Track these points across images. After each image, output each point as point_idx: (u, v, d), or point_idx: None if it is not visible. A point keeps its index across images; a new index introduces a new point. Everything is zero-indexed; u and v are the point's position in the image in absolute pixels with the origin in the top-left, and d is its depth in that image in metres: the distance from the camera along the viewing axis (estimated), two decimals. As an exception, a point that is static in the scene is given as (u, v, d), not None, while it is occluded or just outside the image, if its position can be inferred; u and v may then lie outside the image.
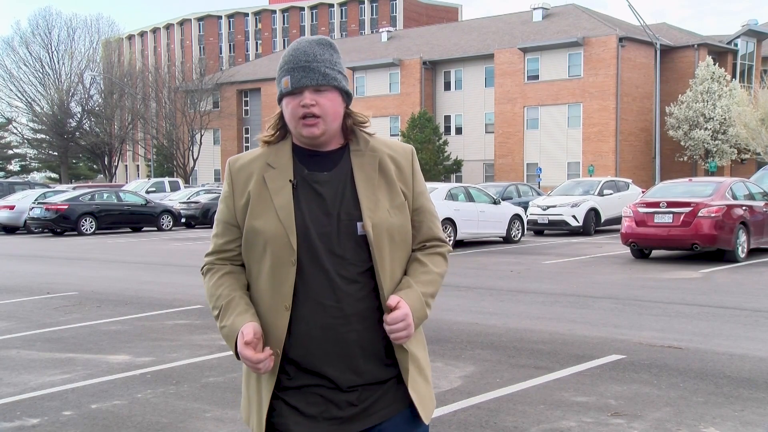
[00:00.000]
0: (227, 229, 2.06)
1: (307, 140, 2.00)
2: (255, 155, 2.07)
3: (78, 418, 4.91)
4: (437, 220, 2.14)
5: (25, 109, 63.92)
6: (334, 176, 1.99)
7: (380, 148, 2.06)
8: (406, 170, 2.07)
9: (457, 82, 53.40)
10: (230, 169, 2.07)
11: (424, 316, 2.00)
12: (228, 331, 1.98)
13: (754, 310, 8.66)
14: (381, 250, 1.95)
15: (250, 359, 1.90)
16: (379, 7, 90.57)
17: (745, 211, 13.88)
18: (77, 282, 11.95)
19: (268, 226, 1.95)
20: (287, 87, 1.97)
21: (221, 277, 2.06)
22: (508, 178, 46.21)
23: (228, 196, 2.06)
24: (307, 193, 1.98)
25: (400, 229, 2.00)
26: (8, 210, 26.06)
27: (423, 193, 2.10)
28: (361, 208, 1.95)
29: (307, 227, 1.94)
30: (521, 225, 19.29)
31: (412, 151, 2.12)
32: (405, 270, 2.04)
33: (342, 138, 2.05)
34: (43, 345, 7.18)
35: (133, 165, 79.64)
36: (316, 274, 1.93)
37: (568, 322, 7.97)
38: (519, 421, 4.70)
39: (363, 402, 1.96)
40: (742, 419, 4.69)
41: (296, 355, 1.96)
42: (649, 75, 45.99)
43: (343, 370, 1.94)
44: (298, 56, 1.97)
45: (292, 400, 1.97)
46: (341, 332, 1.93)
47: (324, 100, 1.96)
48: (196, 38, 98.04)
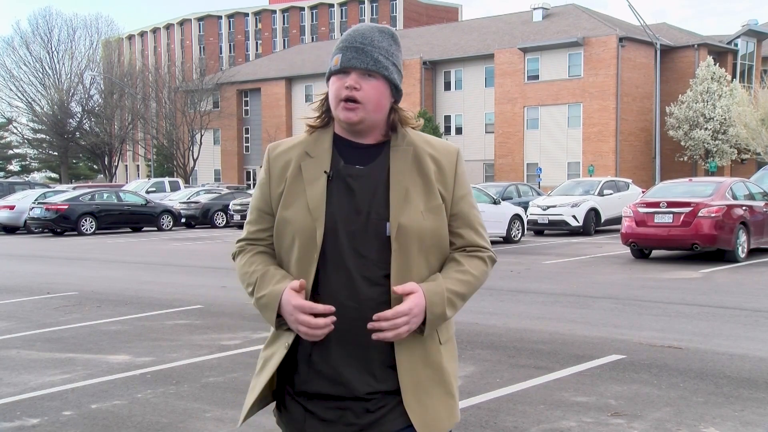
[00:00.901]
0: (261, 216, 1.99)
1: (344, 125, 1.91)
2: (295, 142, 1.99)
3: (78, 418, 4.90)
4: (480, 228, 2.01)
5: (25, 109, 63.98)
6: (370, 171, 1.90)
7: (422, 147, 1.95)
8: (447, 172, 1.96)
9: (457, 82, 53.39)
10: (269, 155, 2.00)
11: (441, 314, 1.87)
12: (267, 299, 1.87)
13: (754, 310, 8.65)
14: (407, 254, 1.85)
15: (302, 308, 1.79)
16: (379, 7, 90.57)
17: (745, 211, 13.88)
18: (77, 282, 11.95)
19: (298, 217, 1.87)
20: (336, 65, 1.88)
21: (253, 255, 1.98)
22: (508, 178, 46.21)
23: (264, 183, 1.99)
24: (339, 187, 1.89)
25: (432, 234, 1.90)
26: (8, 210, 26.07)
27: (464, 198, 1.98)
28: (390, 208, 1.86)
29: (335, 222, 1.86)
30: (521, 225, 19.30)
31: (457, 152, 2.00)
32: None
33: (385, 133, 1.95)
34: (43, 345, 7.18)
35: (133, 165, 79.63)
36: (339, 273, 1.85)
37: (568, 322, 7.97)
38: (519, 421, 4.70)
39: (380, 410, 1.87)
40: (742, 419, 4.69)
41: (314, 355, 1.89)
42: (649, 75, 45.98)
43: (359, 375, 1.86)
44: (354, 37, 1.90)
45: (308, 404, 1.90)
46: (359, 336, 1.84)
47: (369, 86, 1.87)
48: (196, 38, 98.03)
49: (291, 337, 1.89)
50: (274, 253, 1.98)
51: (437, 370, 1.93)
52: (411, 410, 1.87)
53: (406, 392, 1.87)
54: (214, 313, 8.77)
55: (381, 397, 1.87)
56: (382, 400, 1.87)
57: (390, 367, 1.88)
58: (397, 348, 1.87)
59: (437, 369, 1.93)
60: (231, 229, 27.43)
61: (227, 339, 7.31)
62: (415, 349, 1.90)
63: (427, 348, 1.92)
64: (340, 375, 1.87)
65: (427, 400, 1.90)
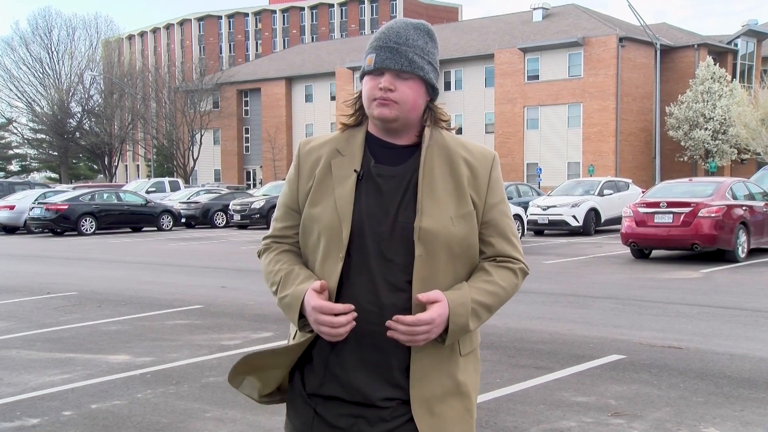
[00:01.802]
0: (288, 213, 1.94)
1: (379, 123, 1.85)
2: (327, 139, 1.95)
3: (78, 418, 4.90)
4: (513, 237, 1.93)
5: (25, 109, 64.05)
6: (401, 172, 1.85)
7: (456, 150, 1.90)
8: (482, 178, 1.89)
9: (457, 82, 53.40)
10: (299, 151, 1.96)
11: (464, 325, 1.78)
12: (290, 299, 1.82)
13: (754, 310, 8.65)
14: (433, 261, 1.79)
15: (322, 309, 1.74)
16: (379, 7, 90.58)
17: (745, 211, 13.88)
18: (77, 282, 11.95)
19: (325, 214, 1.82)
20: (370, 65, 1.83)
21: (279, 253, 1.94)
22: (508, 178, 46.17)
23: (293, 179, 1.94)
24: (369, 187, 1.84)
25: (462, 241, 1.83)
26: (8, 210, 26.06)
27: (497, 206, 1.90)
28: (418, 211, 1.79)
29: (362, 223, 1.80)
30: (521, 225, 19.29)
31: (494, 157, 1.94)
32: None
33: (419, 133, 1.89)
34: (43, 345, 7.18)
35: (133, 165, 79.64)
36: (362, 276, 1.80)
37: (568, 322, 7.97)
38: (519, 421, 4.70)
39: (395, 419, 1.80)
40: (742, 419, 4.69)
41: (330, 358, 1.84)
42: (649, 75, 45.99)
43: (376, 381, 1.80)
44: (389, 35, 1.84)
45: (320, 407, 1.85)
46: (379, 341, 1.78)
47: (405, 87, 1.82)
48: (196, 38, 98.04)
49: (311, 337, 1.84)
50: (299, 251, 1.94)
51: (455, 382, 1.86)
52: (419, 418, 1.81)
53: (415, 400, 1.81)
54: (214, 313, 8.77)
55: (397, 406, 1.81)
56: (399, 409, 1.81)
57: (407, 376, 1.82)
58: (413, 354, 1.82)
59: (454, 380, 1.86)
60: (231, 229, 27.43)
61: (227, 339, 7.31)
62: (432, 357, 1.83)
63: (445, 358, 1.85)
64: (356, 379, 1.81)
65: (439, 411, 1.83)
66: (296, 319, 1.82)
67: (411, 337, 1.75)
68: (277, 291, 1.88)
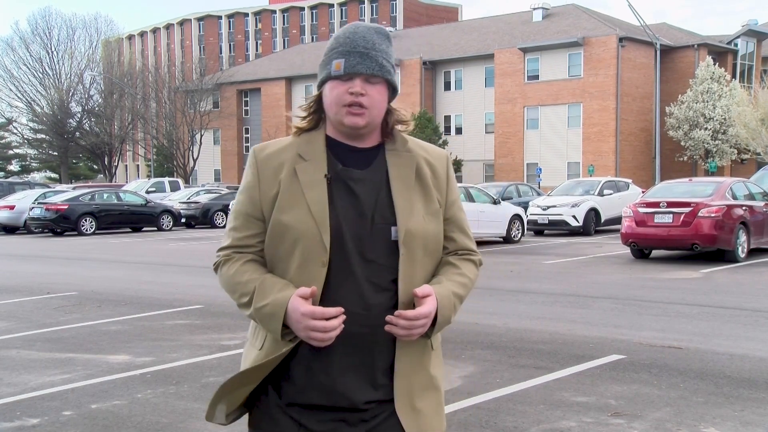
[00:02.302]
0: (249, 222, 1.88)
1: (347, 130, 1.86)
2: (284, 144, 1.92)
3: (78, 418, 4.90)
4: (469, 231, 2.01)
5: (25, 109, 64.03)
6: (369, 175, 1.86)
7: (417, 151, 1.93)
8: (441, 177, 1.96)
9: (457, 82, 53.41)
10: (256, 157, 1.90)
11: (448, 318, 1.86)
12: (272, 308, 1.77)
13: (754, 310, 8.65)
14: (413, 259, 1.83)
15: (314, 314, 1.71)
16: (379, 7, 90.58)
17: (745, 211, 13.88)
18: (77, 282, 11.95)
19: (300, 221, 1.79)
20: (338, 70, 1.82)
21: (244, 263, 1.87)
22: (508, 178, 46.20)
23: (253, 186, 1.88)
24: (341, 191, 1.84)
25: (434, 238, 1.89)
26: (8, 210, 26.07)
27: (456, 203, 1.99)
28: (396, 212, 1.83)
29: (340, 227, 1.80)
30: (521, 225, 19.30)
31: (447, 157, 2.01)
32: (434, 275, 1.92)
33: (379, 135, 1.92)
34: (43, 345, 7.18)
35: (133, 165, 79.62)
36: (345, 279, 1.80)
37: (568, 322, 7.97)
38: (519, 421, 4.70)
39: (375, 418, 1.84)
40: (742, 419, 4.69)
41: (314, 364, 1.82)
42: (649, 75, 45.99)
43: (361, 384, 1.82)
44: (356, 41, 1.84)
45: (301, 416, 1.84)
46: (366, 343, 1.80)
47: (374, 91, 1.84)
48: (196, 38, 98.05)
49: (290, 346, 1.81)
50: (263, 260, 1.89)
51: (430, 377, 1.92)
52: (403, 415, 1.85)
53: (400, 397, 1.85)
54: (214, 313, 8.77)
55: (376, 406, 1.84)
56: (378, 409, 1.84)
57: (388, 376, 1.85)
58: (398, 352, 1.85)
59: (429, 375, 1.92)
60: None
61: (227, 339, 7.31)
62: (414, 354, 1.88)
63: (423, 354, 1.90)
64: (342, 384, 1.81)
65: (420, 406, 1.87)
66: (280, 329, 1.78)
67: (409, 332, 1.78)
68: (251, 301, 1.82)
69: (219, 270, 1.94)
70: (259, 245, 1.89)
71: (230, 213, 1.96)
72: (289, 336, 1.80)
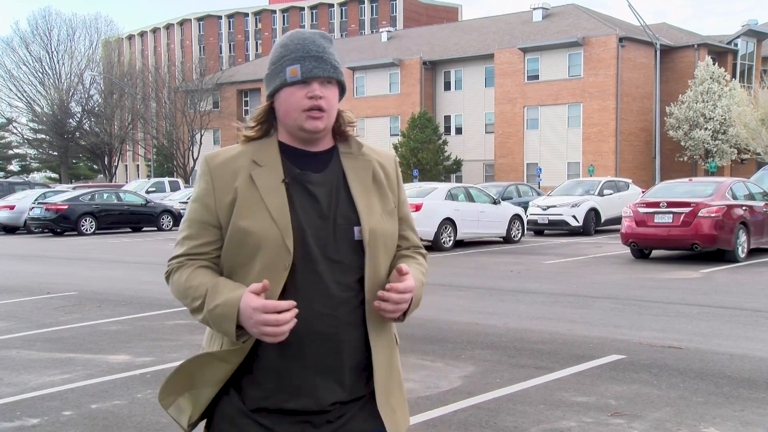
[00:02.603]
0: (204, 229, 1.87)
1: (305, 135, 1.88)
2: (236, 152, 1.90)
3: (78, 418, 4.90)
4: (415, 227, 2.10)
5: (25, 109, 63.99)
6: (326, 178, 1.89)
7: (368, 153, 1.98)
8: (392, 177, 2.00)
9: (457, 82, 53.40)
10: (209, 165, 1.89)
11: (419, 300, 1.90)
12: (224, 308, 1.75)
13: (754, 310, 8.66)
14: (376, 257, 1.86)
15: (266, 307, 1.69)
16: (379, 7, 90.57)
17: (745, 211, 13.88)
18: (77, 282, 11.95)
19: (261, 226, 1.79)
20: (295, 76, 1.84)
21: (196, 269, 1.86)
22: (508, 178, 46.21)
23: (207, 194, 1.87)
24: (300, 194, 1.85)
25: (392, 236, 1.93)
26: (8, 210, 26.06)
27: (406, 202, 2.05)
28: (359, 212, 1.86)
29: (303, 230, 1.81)
30: (521, 225, 19.30)
31: (396, 159, 2.07)
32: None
33: (331, 138, 1.95)
34: (43, 345, 7.18)
35: (133, 165, 79.61)
36: (311, 280, 1.80)
37: (568, 322, 7.97)
38: (519, 421, 4.70)
39: (340, 418, 1.85)
40: (742, 419, 4.69)
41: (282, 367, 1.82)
42: (649, 75, 45.99)
43: (329, 384, 1.83)
44: (308, 46, 1.87)
45: (267, 420, 1.83)
46: (335, 342, 1.82)
47: (330, 94, 1.88)
48: (196, 38, 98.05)
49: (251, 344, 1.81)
50: (217, 268, 1.89)
51: (397, 372, 1.96)
52: (384, 413, 1.88)
53: (380, 394, 1.88)
54: (214, 313, 8.76)
55: (341, 407, 1.85)
56: (342, 409, 1.86)
57: (354, 375, 1.87)
58: (374, 351, 1.87)
59: (397, 371, 1.96)
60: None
61: (227, 339, 7.30)
62: (387, 352, 1.92)
63: (393, 351, 1.95)
64: (310, 386, 1.82)
65: (393, 402, 1.92)
66: (233, 329, 1.75)
67: (397, 306, 1.82)
68: (203, 304, 1.80)
69: (170, 278, 1.93)
70: (214, 253, 1.88)
71: (182, 222, 1.94)
72: (243, 337, 1.79)
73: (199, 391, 1.88)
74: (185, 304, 1.88)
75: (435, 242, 16.74)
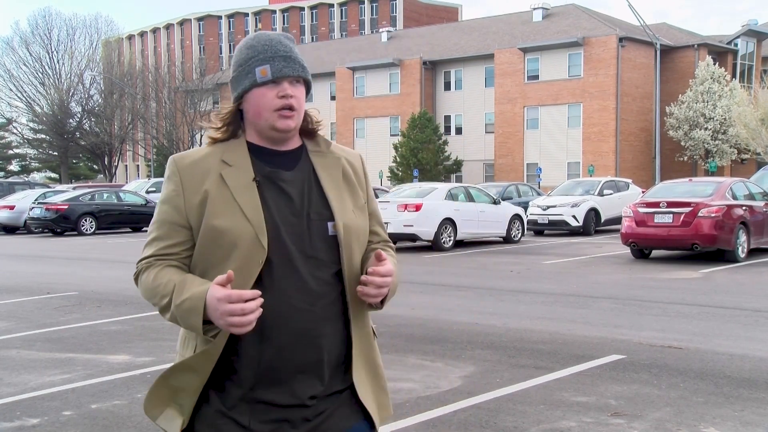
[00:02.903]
0: (174, 230, 1.87)
1: (276, 134, 1.90)
2: (204, 153, 1.92)
3: (78, 418, 4.90)
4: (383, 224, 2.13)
5: (25, 109, 64.00)
6: (297, 176, 1.91)
7: (335, 151, 2.01)
8: (360, 174, 2.04)
9: (457, 82, 53.41)
10: (177, 167, 1.90)
11: (396, 287, 1.94)
12: (191, 302, 1.75)
13: (754, 310, 8.66)
14: (351, 251, 1.89)
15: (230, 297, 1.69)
16: (379, 7, 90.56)
17: (745, 211, 13.88)
18: (77, 282, 11.95)
19: (235, 225, 1.80)
20: (265, 76, 1.86)
21: (164, 268, 1.86)
22: (508, 178, 46.22)
23: (176, 195, 1.88)
24: (272, 192, 1.87)
25: (363, 231, 1.97)
26: (8, 210, 26.06)
27: (374, 198, 2.09)
28: (332, 208, 1.89)
29: (277, 227, 1.83)
30: (521, 225, 19.30)
31: (361, 156, 2.11)
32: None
33: (298, 137, 1.98)
34: (43, 345, 7.18)
35: (133, 165, 79.60)
36: (289, 276, 1.82)
37: (568, 322, 7.97)
38: (519, 421, 4.70)
39: (318, 416, 1.86)
40: (742, 419, 4.69)
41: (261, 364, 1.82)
42: (649, 75, 46.00)
43: (308, 379, 1.84)
44: (275, 46, 1.90)
45: (243, 419, 1.83)
46: (313, 337, 1.83)
47: (299, 93, 1.91)
48: (196, 38, 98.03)
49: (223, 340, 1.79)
50: (187, 268, 1.89)
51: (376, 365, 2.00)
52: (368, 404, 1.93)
53: (361, 385, 1.92)
54: (214, 313, 8.76)
55: (318, 403, 1.86)
56: (321, 406, 1.87)
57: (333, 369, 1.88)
58: (355, 342, 1.91)
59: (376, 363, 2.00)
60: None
61: (227, 339, 7.30)
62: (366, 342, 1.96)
63: (371, 342, 1.99)
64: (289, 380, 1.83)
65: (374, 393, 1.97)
66: (200, 323, 1.75)
67: (380, 290, 1.84)
68: (170, 301, 1.79)
69: (139, 278, 1.92)
70: (184, 253, 1.89)
71: (151, 224, 1.94)
72: (211, 332, 1.79)
73: (182, 399, 1.87)
74: (153, 303, 1.87)
75: (435, 242, 16.74)
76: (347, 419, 1.90)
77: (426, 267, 13.81)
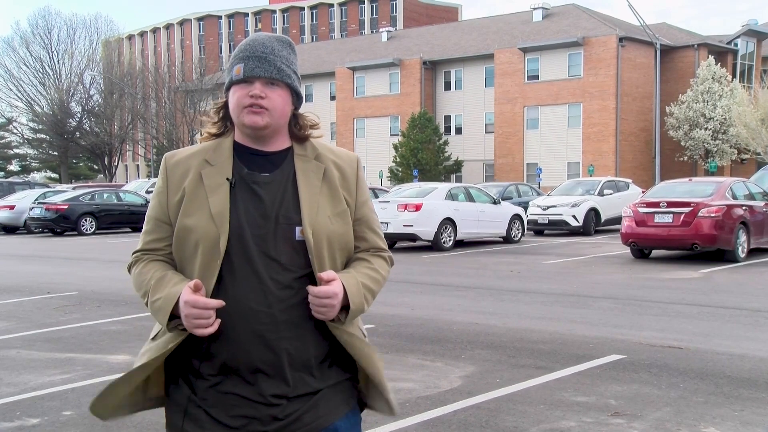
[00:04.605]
0: (157, 226, 1.97)
1: (248, 131, 1.93)
2: (193, 151, 2.00)
3: (78, 418, 4.91)
4: (380, 230, 2.09)
5: (25, 109, 64.03)
6: (275, 178, 1.93)
7: (325, 155, 2.01)
8: (350, 179, 2.02)
9: (457, 82, 53.42)
10: (166, 164, 1.99)
11: (361, 307, 1.91)
12: (162, 302, 1.84)
13: (754, 310, 8.66)
14: (320, 257, 1.89)
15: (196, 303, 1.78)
16: (379, 7, 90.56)
17: (745, 211, 13.88)
18: (77, 282, 11.95)
19: (201, 224, 1.87)
20: (238, 75, 1.91)
21: (149, 263, 1.96)
22: (508, 178, 46.21)
23: (162, 191, 1.97)
24: (244, 194, 1.91)
25: (340, 237, 1.95)
26: (8, 210, 26.06)
27: (366, 203, 2.06)
28: (302, 213, 1.89)
29: (241, 228, 1.87)
30: (521, 225, 19.30)
31: (357, 160, 2.08)
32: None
33: (287, 140, 2.00)
34: (43, 345, 7.18)
35: (133, 165, 79.60)
36: (248, 278, 1.86)
37: (568, 322, 7.97)
38: (519, 421, 4.70)
39: (288, 416, 1.87)
40: (742, 419, 4.69)
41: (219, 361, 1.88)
42: (650, 75, 46.00)
43: (269, 379, 1.87)
44: (255, 46, 1.93)
45: (213, 411, 1.89)
46: (270, 339, 1.85)
47: (274, 95, 1.92)
48: (196, 38, 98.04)
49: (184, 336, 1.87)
50: (172, 262, 1.97)
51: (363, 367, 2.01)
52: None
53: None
54: (214, 313, 8.76)
55: (288, 404, 1.88)
56: (291, 406, 1.88)
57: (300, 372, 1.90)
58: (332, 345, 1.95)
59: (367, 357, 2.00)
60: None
61: (227, 339, 7.30)
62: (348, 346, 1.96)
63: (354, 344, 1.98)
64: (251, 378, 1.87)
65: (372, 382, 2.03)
66: (166, 320, 1.84)
67: (316, 308, 1.85)
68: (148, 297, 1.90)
69: (131, 271, 2.03)
70: (168, 248, 1.97)
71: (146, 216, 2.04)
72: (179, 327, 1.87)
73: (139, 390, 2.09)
74: (140, 296, 1.97)
75: (435, 242, 16.74)
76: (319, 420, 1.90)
77: (426, 267, 13.81)
